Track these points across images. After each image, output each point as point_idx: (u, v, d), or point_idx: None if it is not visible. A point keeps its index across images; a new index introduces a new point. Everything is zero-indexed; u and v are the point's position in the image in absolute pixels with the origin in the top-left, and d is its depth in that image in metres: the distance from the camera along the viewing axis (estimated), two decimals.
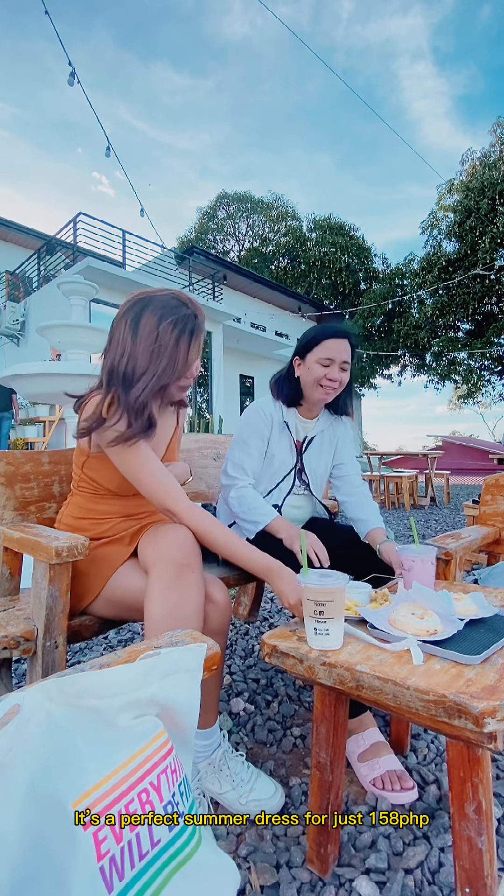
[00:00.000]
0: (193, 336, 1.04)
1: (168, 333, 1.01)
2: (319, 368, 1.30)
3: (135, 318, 1.02)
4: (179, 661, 0.58)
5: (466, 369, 18.25)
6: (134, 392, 0.99)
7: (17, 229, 12.19)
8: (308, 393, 1.36)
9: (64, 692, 0.48)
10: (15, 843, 0.39)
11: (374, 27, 43.13)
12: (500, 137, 17.19)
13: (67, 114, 64.91)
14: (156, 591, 0.89)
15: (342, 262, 20.99)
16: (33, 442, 8.24)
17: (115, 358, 1.03)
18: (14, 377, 2.70)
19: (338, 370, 1.31)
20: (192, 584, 0.91)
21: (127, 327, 1.02)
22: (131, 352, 1.01)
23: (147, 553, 0.96)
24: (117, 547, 1.06)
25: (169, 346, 1.01)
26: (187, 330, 1.02)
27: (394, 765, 1.04)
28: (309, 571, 0.81)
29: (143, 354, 1.01)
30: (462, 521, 5.01)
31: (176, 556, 0.92)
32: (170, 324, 1.01)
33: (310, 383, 1.33)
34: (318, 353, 1.30)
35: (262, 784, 1.00)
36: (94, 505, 1.12)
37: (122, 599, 1.01)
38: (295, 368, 1.37)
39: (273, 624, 2.06)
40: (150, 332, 1.00)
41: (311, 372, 1.32)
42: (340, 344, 1.30)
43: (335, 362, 1.30)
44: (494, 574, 1.39)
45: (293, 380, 1.38)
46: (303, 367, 1.35)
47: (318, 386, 1.32)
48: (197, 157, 62.31)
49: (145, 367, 1.00)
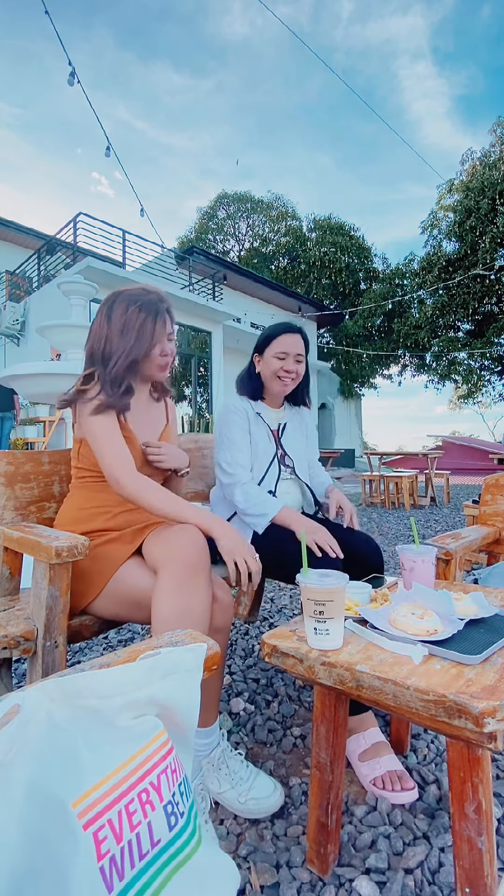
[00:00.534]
0: (158, 315, 1.17)
1: (135, 315, 1.15)
2: (276, 361, 1.44)
3: (108, 308, 1.18)
4: (179, 661, 0.58)
5: (466, 369, 18.25)
6: (109, 366, 1.13)
7: (17, 229, 12.19)
8: (268, 385, 1.49)
9: (64, 692, 0.48)
10: (15, 843, 0.39)
11: (373, 27, 43.12)
12: (500, 137, 17.18)
13: (67, 114, 65.03)
14: (167, 591, 0.90)
15: (342, 262, 20.97)
16: (33, 442, 8.23)
17: (93, 343, 1.18)
18: (14, 377, 2.70)
19: (293, 362, 1.44)
20: (202, 586, 0.93)
21: (102, 317, 1.18)
22: (106, 335, 1.16)
23: (157, 553, 0.98)
24: (119, 545, 1.07)
25: (136, 325, 1.15)
26: (152, 311, 1.17)
27: (394, 765, 1.04)
28: (309, 571, 0.81)
29: (115, 334, 1.15)
30: (462, 521, 5.01)
31: (188, 557, 0.94)
32: (137, 307, 1.16)
33: (269, 376, 1.46)
34: (274, 347, 1.44)
35: (261, 783, 1.00)
36: (95, 493, 1.15)
37: (126, 597, 1.02)
38: (255, 365, 1.50)
39: (273, 624, 2.06)
40: (120, 316, 1.15)
41: (269, 365, 1.45)
42: (293, 338, 1.43)
43: (290, 355, 1.43)
44: (494, 574, 1.39)
45: (255, 375, 1.51)
46: (262, 362, 1.48)
47: (276, 378, 1.45)
48: (197, 157, 62.37)
49: (117, 344, 1.14)
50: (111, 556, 1.05)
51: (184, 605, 0.89)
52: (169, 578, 0.91)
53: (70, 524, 1.13)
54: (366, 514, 5.70)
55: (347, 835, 0.91)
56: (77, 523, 1.13)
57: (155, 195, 72.04)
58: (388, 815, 0.95)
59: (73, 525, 1.13)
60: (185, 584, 0.91)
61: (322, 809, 0.84)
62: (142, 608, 1.00)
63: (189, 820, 0.51)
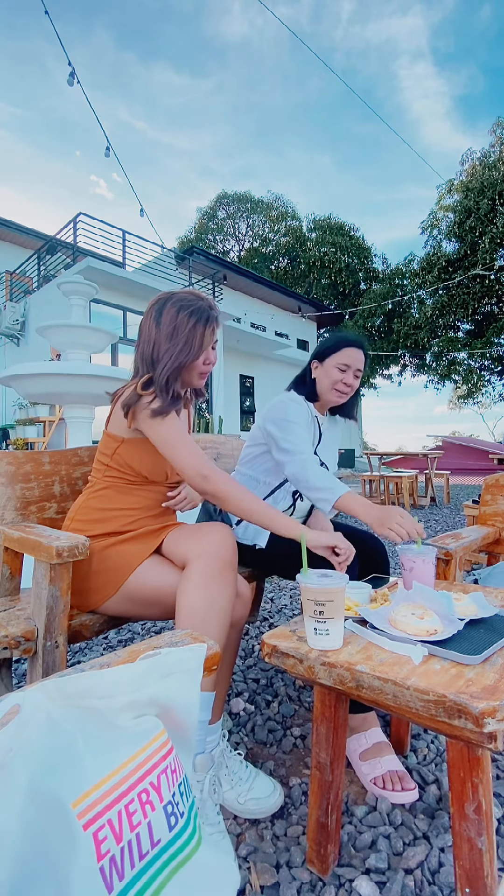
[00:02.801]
0: (208, 322, 1.15)
1: (185, 320, 1.13)
2: (337, 372, 1.41)
3: (157, 311, 1.15)
4: (179, 661, 0.58)
5: (466, 369, 18.25)
6: (157, 370, 1.11)
7: (17, 229, 12.19)
8: (322, 394, 1.46)
9: (64, 692, 0.48)
10: (15, 843, 0.39)
11: (373, 27, 43.08)
12: (500, 138, 17.19)
13: (67, 114, 64.93)
14: (198, 582, 0.94)
15: (342, 263, 20.98)
16: (33, 442, 8.23)
17: (143, 346, 1.16)
18: (14, 377, 2.70)
19: (352, 376, 1.42)
20: (231, 581, 0.98)
21: (151, 320, 1.16)
22: (155, 338, 1.14)
23: (188, 547, 1.01)
24: (137, 544, 1.09)
25: (186, 330, 1.13)
26: (203, 318, 1.15)
27: (395, 765, 1.04)
28: (309, 571, 0.81)
29: (164, 338, 1.13)
30: (462, 521, 5.01)
31: (222, 552, 0.98)
32: (187, 312, 1.14)
33: (326, 385, 1.43)
34: (337, 358, 1.41)
35: (260, 783, 1.00)
36: (122, 496, 1.16)
37: (142, 595, 1.04)
38: (312, 371, 1.47)
39: (273, 624, 2.06)
40: (170, 321, 1.13)
41: (329, 375, 1.42)
42: (357, 353, 1.41)
43: (351, 368, 1.41)
44: (494, 574, 1.39)
45: (310, 381, 1.48)
46: (320, 369, 1.44)
47: (332, 389, 1.42)
48: (197, 157, 62.32)
49: (166, 348, 1.12)
50: (129, 554, 1.06)
51: (212, 598, 0.93)
52: (200, 571, 0.95)
53: (89, 523, 1.13)
54: None
55: (347, 835, 0.91)
56: (97, 523, 1.13)
57: (155, 195, 71.99)
58: (388, 816, 0.95)
59: (92, 525, 1.12)
60: (216, 577, 0.95)
61: (322, 809, 0.84)
62: (156, 606, 1.04)
63: (189, 820, 0.51)
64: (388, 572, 1.32)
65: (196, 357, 1.15)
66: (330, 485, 1.21)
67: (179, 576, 1.00)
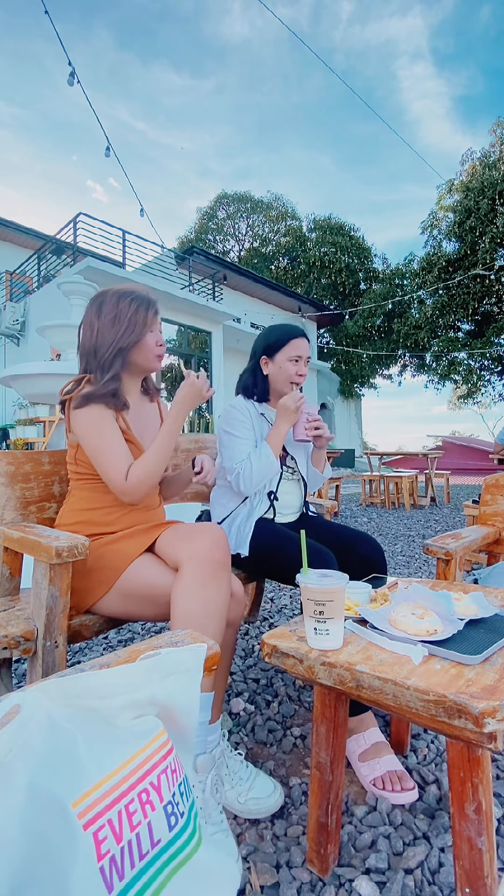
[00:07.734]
0: (149, 307, 1.19)
1: (127, 306, 1.16)
2: (290, 365, 1.44)
3: (98, 305, 1.18)
4: (179, 662, 0.58)
5: (466, 369, 18.24)
6: (100, 353, 1.14)
7: (17, 229, 12.18)
8: (279, 388, 1.48)
9: (64, 692, 0.48)
10: (15, 844, 0.39)
11: (373, 28, 43.05)
12: (500, 138, 17.18)
13: (67, 114, 64.92)
14: (192, 587, 0.93)
15: (342, 263, 20.97)
16: (33, 442, 8.23)
17: (85, 337, 1.18)
18: (14, 377, 2.70)
19: (304, 365, 1.46)
20: (225, 582, 0.97)
21: (93, 312, 1.18)
22: (98, 327, 1.16)
23: (180, 550, 1.00)
24: (130, 542, 1.08)
25: (129, 315, 1.16)
26: (143, 303, 1.18)
27: (394, 765, 1.04)
28: (309, 571, 0.81)
29: (106, 325, 1.15)
30: (462, 521, 5.01)
31: (215, 555, 0.97)
32: (127, 300, 1.17)
33: (282, 380, 1.46)
34: (287, 351, 1.44)
35: (260, 783, 1.00)
36: (98, 494, 1.15)
37: (137, 594, 1.03)
38: (262, 368, 1.50)
39: (273, 624, 2.06)
40: (111, 309, 1.16)
41: (284, 370, 1.45)
42: (304, 342, 1.47)
43: (302, 358, 1.46)
44: (494, 574, 1.39)
45: (261, 378, 1.51)
46: (272, 365, 1.48)
47: (289, 383, 1.45)
48: (197, 157, 62.27)
49: (108, 334, 1.15)
50: (121, 552, 1.06)
51: (206, 601, 0.92)
52: (192, 575, 0.94)
53: (74, 526, 1.13)
54: (366, 514, 5.70)
55: (347, 835, 0.91)
56: (82, 524, 1.13)
57: (155, 195, 72.00)
58: (388, 816, 0.95)
59: (78, 527, 1.12)
60: (209, 580, 0.94)
61: (322, 809, 0.84)
62: (152, 604, 1.02)
63: (189, 820, 0.51)
64: (385, 572, 1.32)
65: (140, 336, 1.16)
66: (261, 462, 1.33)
67: (173, 576, 0.99)
